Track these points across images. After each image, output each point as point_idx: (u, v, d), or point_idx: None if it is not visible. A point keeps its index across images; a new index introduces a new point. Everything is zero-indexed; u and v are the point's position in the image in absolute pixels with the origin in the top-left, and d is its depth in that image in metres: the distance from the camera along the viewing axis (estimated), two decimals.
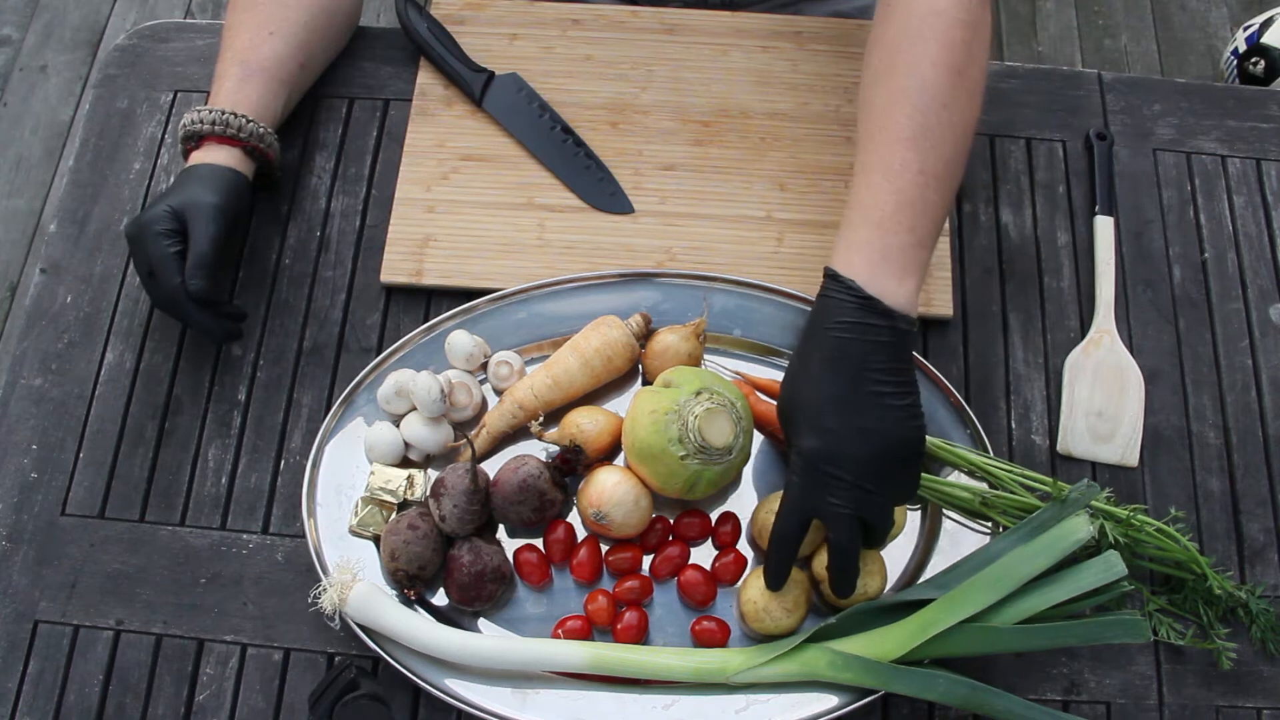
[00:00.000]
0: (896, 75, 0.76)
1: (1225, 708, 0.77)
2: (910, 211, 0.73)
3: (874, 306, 0.71)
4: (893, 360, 0.71)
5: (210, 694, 0.76)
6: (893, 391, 0.70)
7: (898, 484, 0.71)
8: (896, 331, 0.71)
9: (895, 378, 0.71)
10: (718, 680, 0.73)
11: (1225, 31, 2.06)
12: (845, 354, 0.70)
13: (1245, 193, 0.94)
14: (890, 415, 0.70)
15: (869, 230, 0.73)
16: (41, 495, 0.81)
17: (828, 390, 0.70)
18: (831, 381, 0.70)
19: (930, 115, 0.74)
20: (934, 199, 0.74)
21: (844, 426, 0.69)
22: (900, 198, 0.73)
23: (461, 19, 0.98)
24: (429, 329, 0.84)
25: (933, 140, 0.74)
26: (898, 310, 0.71)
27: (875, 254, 0.72)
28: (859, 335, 0.71)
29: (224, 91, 0.85)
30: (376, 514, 0.78)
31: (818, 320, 0.73)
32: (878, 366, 0.70)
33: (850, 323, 0.71)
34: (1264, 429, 0.85)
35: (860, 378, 0.70)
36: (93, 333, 0.87)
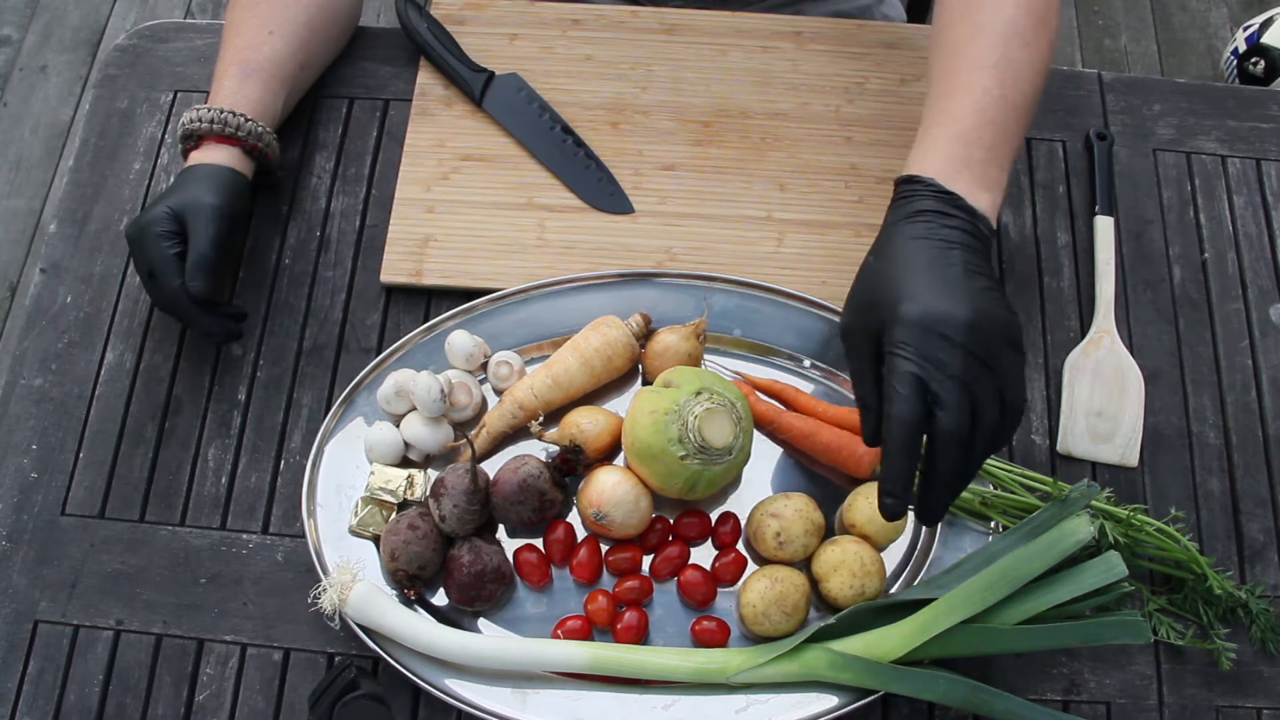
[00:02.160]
0: (978, 11, 0.76)
1: (1225, 708, 0.77)
2: (992, 130, 0.71)
3: (955, 201, 0.68)
4: (976, 254, 0.67)
5: (210, 694, 0.76)
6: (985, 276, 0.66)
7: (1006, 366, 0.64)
8: (977, 230, 0.68)
9: (983, 267, 0.67)
10: (718, 680, 0.73)
11: (1225, 31, 2.06)
12: (933, 235, 0.67)
13: (1245, 193, 0.94)
14: (988, 295, 0.65)
15: (948, 143, 0.71)
16: (41, 495, 0.81)
17: (919, 261, 0.65)
18: (921, 254, 0.66)
19: (1013, 49, 0.74)
20: (1013, 128, 0.73)
21: (945, 291, 0.63)
22: (983, 116, 0.71)
23: (461, 19, 0.98)
24: (429, 329, 0.84)
25: (1015, 72, 0.73)
26: (980, 211, 0.68)
27: (957, 162, 0.70)
28: (943, 223, 0.67)
29: (223, 91, 0.85)
30: (376, 514, 0.78)
31: (894, 216, 0.69)
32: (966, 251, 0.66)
33: (934, 210, 0.67)
34: (1264, 429, 0.85)
35: (949, 255, 0.66)
36: (93, 333, 0.87)
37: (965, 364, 0.62)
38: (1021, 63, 0.74)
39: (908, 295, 0.64)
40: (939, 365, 0.62)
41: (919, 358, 0.62)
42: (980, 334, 0.63)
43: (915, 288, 0.64)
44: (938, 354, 0.62)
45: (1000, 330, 0.64)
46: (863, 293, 0.68)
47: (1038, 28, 0.76)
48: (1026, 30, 0.75)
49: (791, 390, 0.83)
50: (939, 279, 0.64)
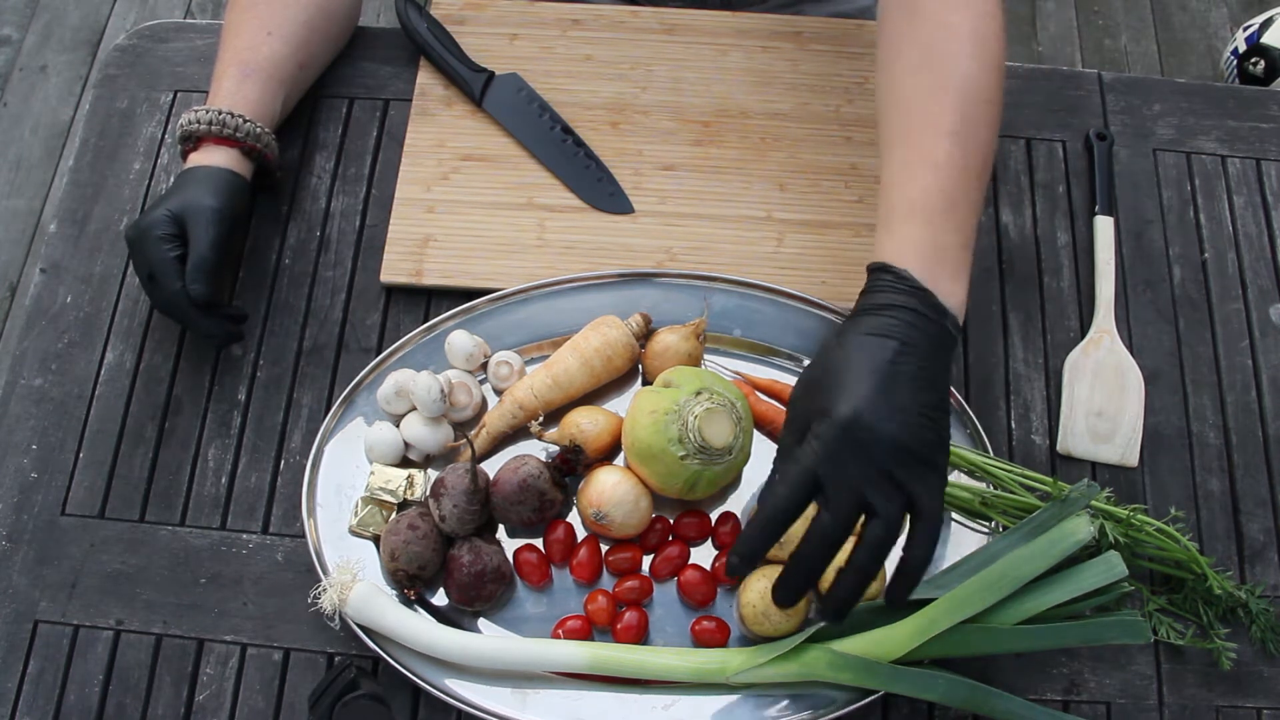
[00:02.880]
0: (934, 70, 0.74)
1: (1225, 708, 0.77)
2: (958, 211, 0.71)
3: (927, 299, 0.68)
4: (936, 360, 0.67)
5: (210, 694, 0.76)
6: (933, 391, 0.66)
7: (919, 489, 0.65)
8: (945, 334, 0.68)
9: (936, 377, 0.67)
10: (718, 680, 0.73)
11: (1225, 31, 2.06)
12: (892, 334, 0.66)
13: (1245, 193, 0.94)
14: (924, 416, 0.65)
15: (920, 227, 0.70)
16: (41, 495, 0.81)
17: (869, 362, 0.65)
18: (874, 355, 0.65)
19: (972, 110, 0.73)
20: (976, 196, 0.72)
21: (881, 401, 0.64)
22: (949, 195, 0.70)
23: (461, 19, 0.98)
24: (429, 329, 0.84)
25: (975, 135, 0.73)
26: (949, 310, 0.68)
27: (929, 250, 0.69)
28: (907, 320, 0.67)
29: (222, 92, 0.85)
30: (376, 514, 0.78)
31: (862, 306, 0.69)
32: (922, 358, 0.66)
33: (902, 308, 0.67)
34: (1264, 429, 0.85)
35: (904, 361, 0.65)
36: (93, 333, 0.87)
37: (870, 477, 0.63)
38: (981, 121, 0.73)
39: (844, 394, 0.64)
40: (842, 469, 0.64)
41: (826, 457, 0.64)
42: (899, 453, 0.64)
43: (853, 389, 0.65)
44: (846, 459, 0.64)
45: (923, 452, 0.65)
46: (813, 373, 0.69)
47: (994, 81, 0.74)
48: (984, 85, 0.74)
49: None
50: (880, 386, 0.64)
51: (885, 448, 0.63)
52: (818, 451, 0.64)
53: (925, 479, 0.65)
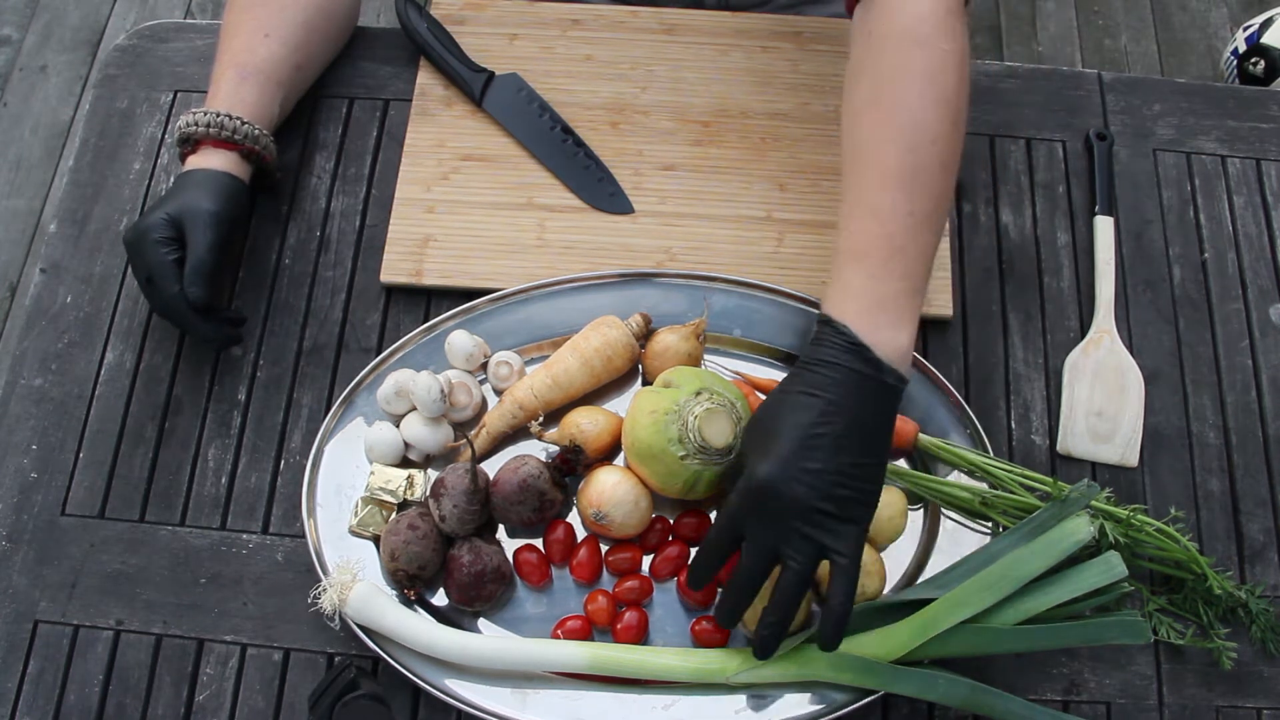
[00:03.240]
0: (883, 109, 0.74)
1: (1225, 708, 0.77)
2: (902, 258, 0.71)
3: (863, 354, 0.69)
4: (871, 414, 0.69)
5: (210, 694, 0.76)
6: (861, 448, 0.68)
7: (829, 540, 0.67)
8: (883, 386, 0.69)
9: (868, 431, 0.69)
10: (718, 680, 0.73)
11: (1225, 31, 2.06)
12: (822, 392, 0.68)
13: (1245, 193, 0.94)
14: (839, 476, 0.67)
15: (862, 279, 0.71)
16: (41, 495, 0.81)
17: (793, 422, 0.68)
18: (800, 415, 0.68)
19: (920, 152, 0.72)
20: (926, 239, 0.72)
21: (796, 463, 0.67)
22: (892, 244, 0.71)
23: (461, 19, 0.98)
24: (429, 329, 0.84)
25: (923, 178, 0.72)
26: (887, 363, 0.69)
27: (871, 302, 0.70)
28: (840, 378, 0.68)
29: (220, 94, 0.85)
30: (376, 514, 0.78)
31: (804, 357, 0.71)
32: (852, 415, 0.68)
33: (833, 363, 0.69)
34: (1264, 429, 0.85)
35: (830, 420, 0.67)
36: (93, 333, 0.87)
37: (780, 532, 0.67)
38: (930, 163, 0.72)
39: (763, 456, 0.68)
40: (756, 522, 0.68)
41: (742, 511, 0.69)
42: (807, 512, 0.67)
43: (772, 451, 0.68)
44: (759, 515, 0.68)
45: (834, 510, 0.67)
46: (754, 422, 0.72)
47: (942, 118, 0.73)
48: (932, 125, 0.73)
49: None
50: (795, 451, 0.67)
51: (792, 510, 0.67)
52: (736, 504, 0.69)
53: (837, 533, 0.67)
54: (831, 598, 0.68)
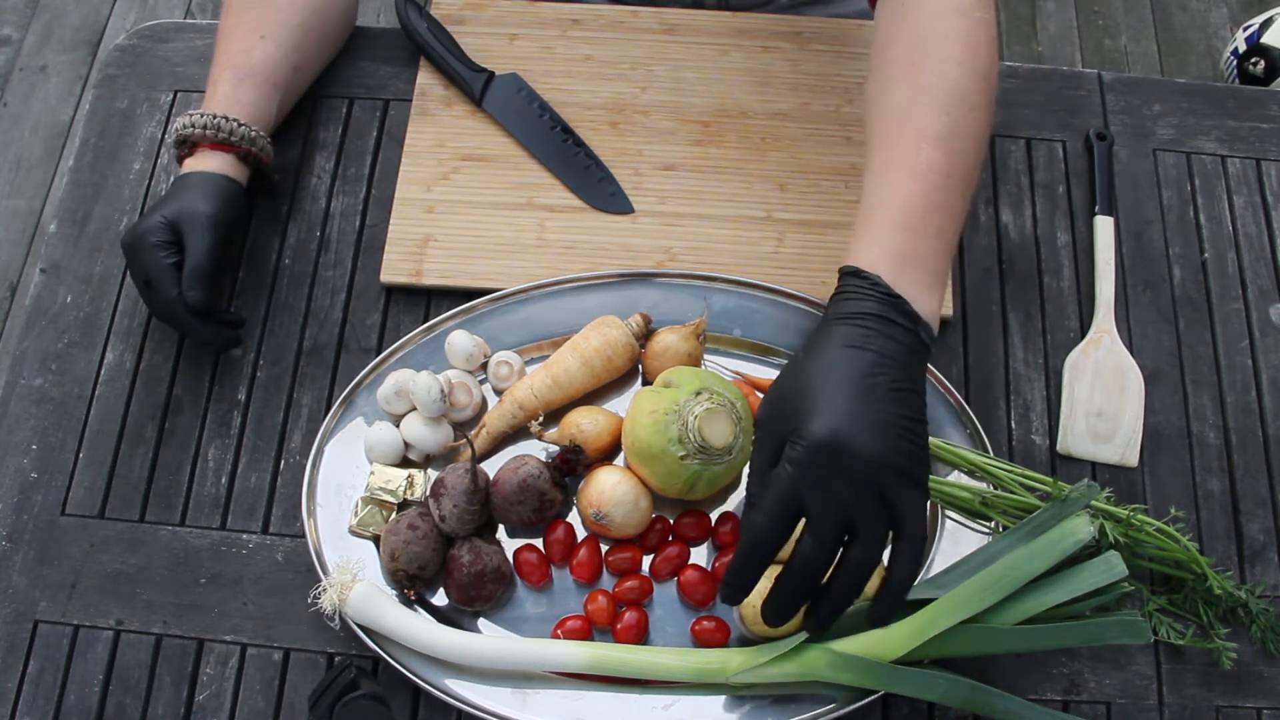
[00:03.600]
0: (921, 74, 0.72)
1: (1225, 708, 0.77)
2: (938, 216, 0.68)
3: (900, 306, 0.65)
4: (911, 370, 0.65)
5: (210, 694, 0.76)
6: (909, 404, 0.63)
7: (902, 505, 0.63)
8: (919, 342, 0.66)
9: (912, 387, 0.64)
10: (718, 680, 0.73)
11: (1225, 31, 2.06)
12: (867, 345, 0.64)
13: (1245, 193, 0.94)
14: (903, 427, 0.62)
15: (895, 232, 0.68)
16: (41, 495, 0.81)
17: (844, 375, 0.62)
18: (849, 368, 0.62)
19: (958, 116, 0.71)
20: (958, 204, 0.70)
21: (858, 416, 0.61)
22: (928, 201, 0.68)
23: (461, 19, 0.98)
24: (429, 329, 0.84)
25: (960, 142, 0.70)
26: (922, 318, 0.66)
27: (903, 256, 0.67)
28: (881, 330, 0.64)
29: (217, 96, 0.85)
30: (376, 514, 0.78)
31: (834, 314, 0.67)
32: (898, 369, 0.64)
33: (875, 316, 0.64)
34: (1264, 429, 0.85)
35: (880, 373, 0.63)
36: (93, 333, 0.87)
37: (853, 497, 0.61)
38: (967, 129, 0.71)
39: (819, 411, 0.62)
40: (824, 491, 0.61)
41: (805, 480, 0.61)
42: (881, 470, 0.61)
43: (829, 405, 0.62)
44: (827, 481, 0.61)
45: (905, 467, 0.62)
46: (783, 389, 0.66)
47: (982, 88, 0.72)
48: (971, 92, 0.71)
49: None
50: (856, 400, 0.62)
51: (867, 466, 0.61)
52: (795, 475, 0.62)
53: (908, 495, 0.63)
54: (896, 568, 0.63)
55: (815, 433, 0.61)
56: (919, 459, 0.64)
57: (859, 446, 0.61)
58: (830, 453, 0.61)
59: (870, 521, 0.62)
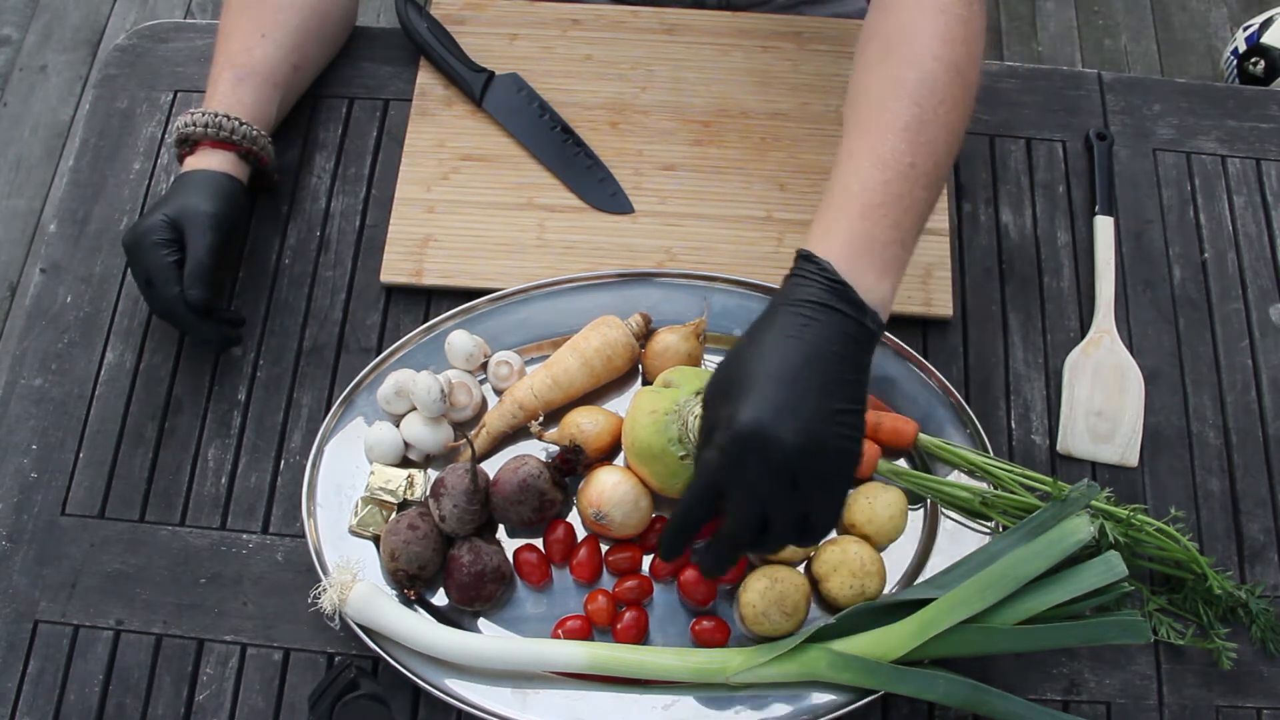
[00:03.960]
0: (895, 65, 0.73)
1: (1225, 708, 0.77)
2: (898, 206, 0.68)
3: (846, 294, 0.65)
4: (852, 359, 0.65)
5: (210, 694, 0.76)
6: (843, 394, 0.64)
7: (820, 496, 0.64)
8: (864, 330, 0.65)
9: (850, 377, 0.65)
10: (718, 680, 0.73)
11: (1225, 31, 2.06)
12: (804, 334, 0.64)
13: (1245, 193, 0.94)
14: (833, 420, 0.63)
15: (852, 218, 0.68)
16: (41, 495, 0.81)
17: (777, 364, 0.63)
18: (783, 358, 0.63)
19: (927, 109, 0.71)
20: (922, 196, 0.70)
21: (787, 407, 0.62)
22: (889, 189, 0.68)
23: (461, 19, 0.98)
24: (429, 329, 0.84)
25: (928, 134, 0.70)
26: (870, 306, 0.66)
27: (856, 242, 0.67)
28: (823, 319, 0.64)
29: (217, 95, 0.85)
30: (376, 514, 0.78)
31: (780, 299, 0.67)
32: (835, 359, 0.64)
33: (817, 304, 0.64)
34: (1264, 429, 0.85)
35: (814, 362, 0.63)
36: (93, 333, 0.87)
37: (768, 488, 0.62)
38: (937, 122, 0.70)
39: (745, 400, 0.62)
40: (741, 479, 0.62)
41: (725, 466, 0.63)
42: (802, 462, 0.62)
43: (757, 394, 0.62)
44: (745, 469, 0.62)
45: (829, 461, 0.63)
46: (721, 373, 0.67)
47: (953, 82, 0.72)
48: (943, 86, 0.71)
49: None
50: (784, 392, 0.62)
51: (785, 458, 0.61)
52: (717, 461, 0.63)
53: (828, 487, 0.64)
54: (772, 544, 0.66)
55: (738, 421, 0.62)
56: (845, 452, 0.64)
57: (778, 439, 0.61)
58: (750, 442, 0.62)
59: (781, 512, 0.63)
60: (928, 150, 0.70)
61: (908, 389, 0.82)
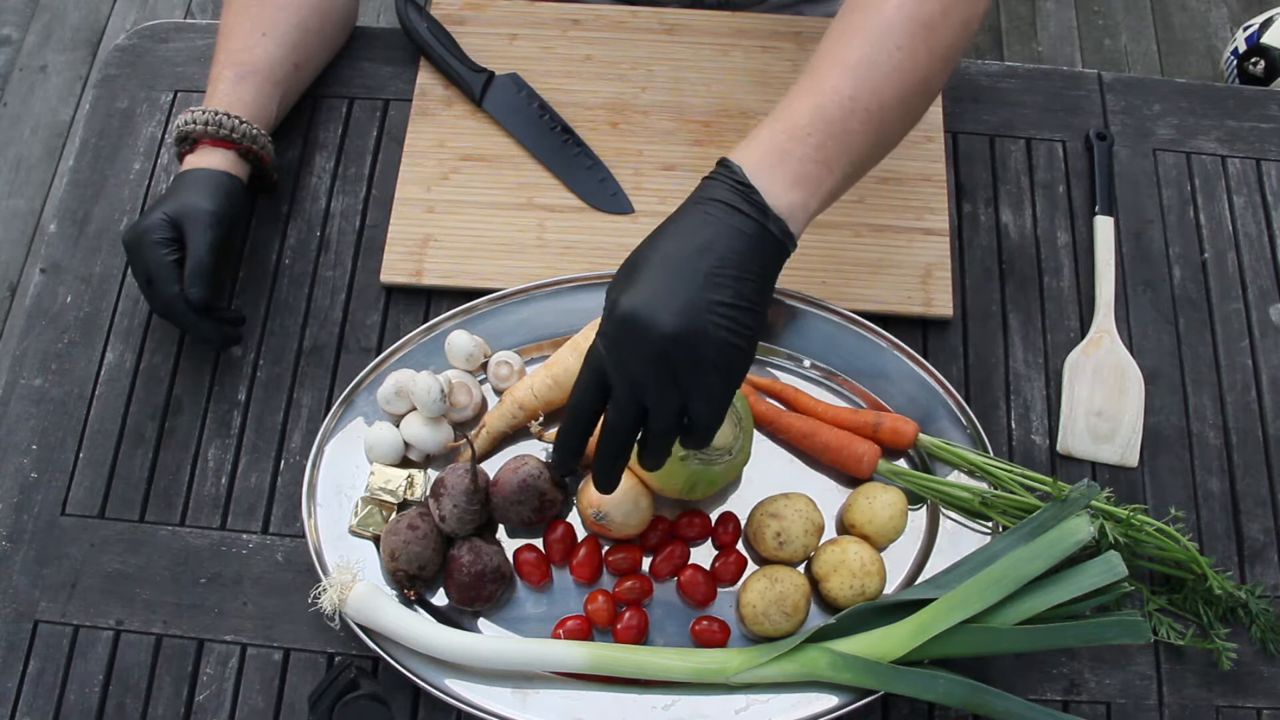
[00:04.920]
0: (857, 14, 0.73)
1: (1225, 708, 0.77)
2: (825, 130, 0.67)
3: (750, 196, 0.65)
4: (746, 258, 0.64)
5: (210, 694, 0.76)
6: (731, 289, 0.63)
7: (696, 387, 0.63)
8: (765, 233, 0.65)
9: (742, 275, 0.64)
10: (718, 680, 0.73)
11: (1225, 31, 2.06)
12: (699, 229, 0.64)
13: (1245, 193, 0.94)
14: (715, 311, 0.62)
15: (775, 133, 0.68)
16: (41, 495, 0.81)
17: (665, 255, 0.64)
18: (674, 249, 0.64)
19: (879, 51, 0.70)
20: (857, 130, 0.69)
21: (668, 295, 0.62)
22: (819, 114, 0.68)
23: (461, 19, 0.98)
24: (429, 329, 0.84)
25: (875, 75, 0.70)
26: (774, 210, 0.65)
27: (772, 154, 0.67)
28: (723, 216, 0.64)
29: (218, 94, 0.85)
30: (376, 514, 0.78)
31: (689, 198, 0.67)
32: (728, 255, 0.63)
33: (720, 202, 0.65)
34: (1264, 429, 0.85)
35: (705, 255, 0.63)
36: (93, 333, 0.87)
37: (645, 375, 0.62)
38: (888, 66, 0.70)
39: (631, 287, 0.63)
40: (620, 365, 0.62)
41: (607, 352, 0.63)
42: (678, 350, 0.61)
43: (642, 282, 0.63)
44: (624, 355, 0.62)
45: (706, 350, 0.62)
46: (626, 262, 0.66)
47: (916, 34, 0.71)
48: (902, 34, 0.71)
49: (791, 390, 0.83)
50: (673, 281, 0.62)
51: (660, 344, 0.61)
52: (599, 346, 0.64)
53: (704, 380, 0.63)
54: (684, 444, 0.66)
55: (619, 307, 0.62)
56: (728, 346, 0.63)
57: (654, 324, 0.61)
58: (628, 328, 0.62)
59: (659, 400, 0.63)
60: (872, 89, 0.70)
61: (908, 389, 0.82)
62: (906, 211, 0.90)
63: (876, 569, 0.76)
